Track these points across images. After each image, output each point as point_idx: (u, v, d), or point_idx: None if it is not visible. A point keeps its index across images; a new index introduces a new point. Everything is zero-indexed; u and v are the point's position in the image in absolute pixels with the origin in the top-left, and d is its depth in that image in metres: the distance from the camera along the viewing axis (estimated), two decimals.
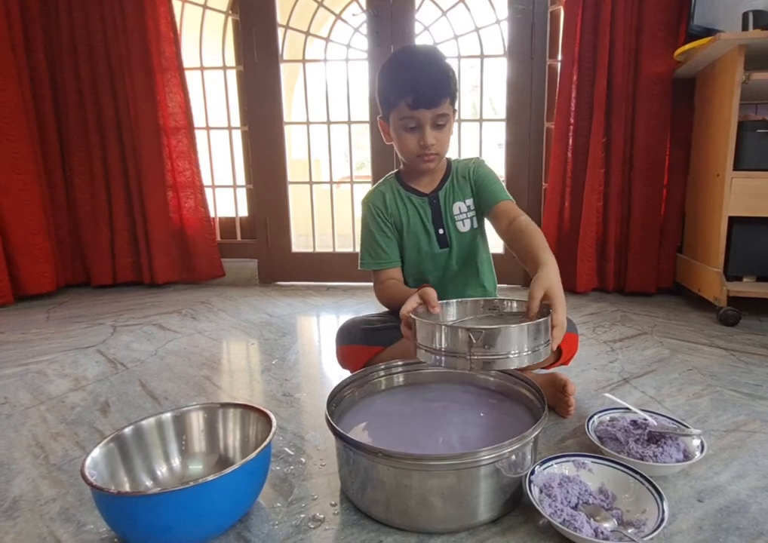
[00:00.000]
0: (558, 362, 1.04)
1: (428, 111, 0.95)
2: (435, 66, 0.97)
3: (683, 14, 1.87)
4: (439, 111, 0.96)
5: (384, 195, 1.11)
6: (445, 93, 0.95)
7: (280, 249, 2.43)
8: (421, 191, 1.10)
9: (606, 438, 0.86)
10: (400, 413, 0.87)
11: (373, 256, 1.11)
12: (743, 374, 1.23)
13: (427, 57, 0.99)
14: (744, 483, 0.78)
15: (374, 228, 1.11)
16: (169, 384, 1.23)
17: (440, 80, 0.96)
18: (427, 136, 0.97)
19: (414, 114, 0.96)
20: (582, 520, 0.63)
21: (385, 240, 1.11)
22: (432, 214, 1.10)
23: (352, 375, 0.91)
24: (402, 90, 0.96)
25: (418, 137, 0.98)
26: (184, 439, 0.80)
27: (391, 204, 1.11)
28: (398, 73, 0.98)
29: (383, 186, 1.14)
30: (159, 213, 2.27)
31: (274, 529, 0.69)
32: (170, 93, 2.21)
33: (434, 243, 1.10)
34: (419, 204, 1.10)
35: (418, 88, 0.94)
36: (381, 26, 2.17)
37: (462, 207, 1.09)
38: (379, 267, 1.11)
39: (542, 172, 2.22)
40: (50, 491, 0.80)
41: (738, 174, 1.65)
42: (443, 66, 0.98)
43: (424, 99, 0.94)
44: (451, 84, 0.97)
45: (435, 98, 0.95)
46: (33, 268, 2.10)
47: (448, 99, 0.97)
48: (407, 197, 1.11)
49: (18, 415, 1.07)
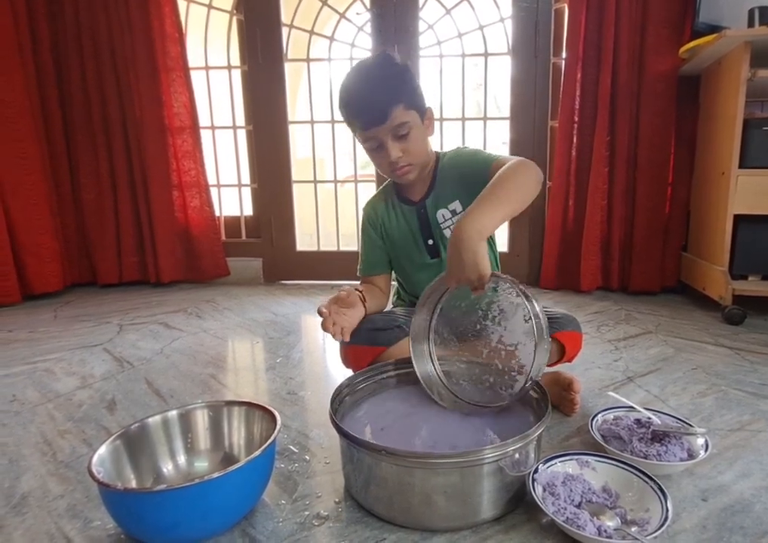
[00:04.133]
0: (562, 360, 1.04)
1: (381, 127, 0.92)
2: (376, 77, 0.93)
3: (688, 11, 1.86)
4: (394, 123, 0.92)
5: (378, 205, 1.13)
6: (392, 103, 0.91)
7: (284, 248, 2.43)
8: (412, 200, 1.09)
9: (610, 437, 0.86)
10: (403, 411, 0.87)
11: (360, 262, 1.16)
12: (748, 373, 1.22)
13: (366, 72, 0.95)
14: (749, 482, 0.78)
15: (364, 236, 1.15)
16: (175, 382, 1.24)
17: (383, 92, 0.91)
18: (390, 151, 0.94)
19: (369, 135, 0.94)
20: (586, 519, 0.63)
21: (371, 249, 1.14)
22: (420, 224, 1.08)
23: (356, 374, 0.92)
24: (349, 116, 0.96)
25: (384, 154, 0.96)
26: (189, 436, 0.81)
27: (382, 214, 1.12)
28: (342, 99, 0.96)
29: (381, 194, 1.15)
30: (164, 212, 2.28)
31: (278, 526, 0.70)
32: (175, 93, 2.22)
33: (425, 254, 1.09)
34: (408, 214, 1.09)
35: (360, 109, 0.93)
36: (385, 25, 2.17)
37: (446, 214, 1.06)
38: (360, 273, 1.16)
39: (546, 170, 2.21)
40: (58, 488, 0.81)
41: (743, 172, 1.64)
42: (386, 74, 0.93)
43: (371, 119, 0.92)
44: (399, 90, 0.93)
45: (381, 113, 0.91)
46: (40, 267, 2.12)
47: (400, 106, 0.92)
48: (398, 207, 1.11)
49: (26, 413, 1.08)
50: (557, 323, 1.00)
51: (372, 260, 1.15)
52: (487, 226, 0.76)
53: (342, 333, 0.92)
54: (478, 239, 0.74)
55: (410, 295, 1.18)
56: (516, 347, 0.84)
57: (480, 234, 0.75)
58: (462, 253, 0.75)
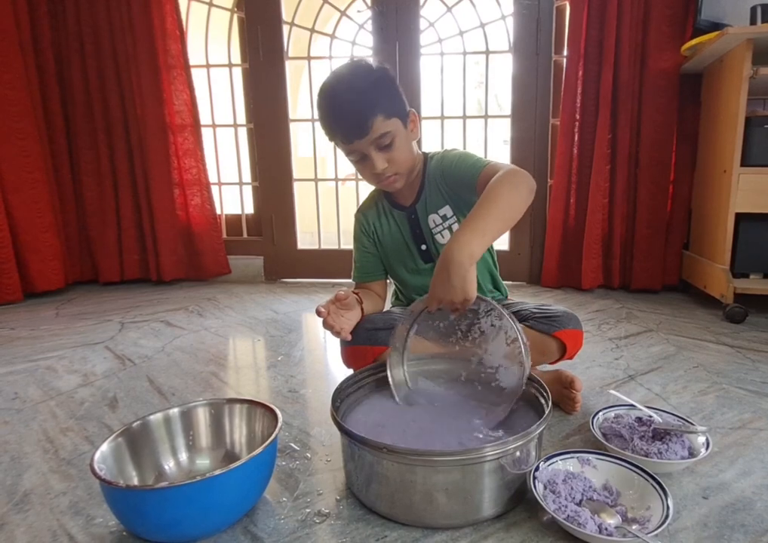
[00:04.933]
0: (563, 358, 1.04)
1: (362, 140, 0.90)
2: (351, 90, 0.90)
3: (690, 9, 1.85)
4: (375, 135, 0.90)
5: (369, 212, 1.12)
6: (370, 115, 0.88)
7: (285, 246, 2.43)
8: (402, 205, 1.08)
9: (611, 435, 0.86)
10: (404, 409, 0.88)
11: (354, 269, 1.15)
12: (749, 371, 1.22)
13: (340, 84, 0.92)
14: (750, 480, 0.78)
15: (357, 243, 1.13)
16: (176, 380, 1.25)
17: (359, 104, 0.89)
18: (375, 162, 0.92)
19: (352, 148, 0.92)
20: (586, 516, 0.63)
21: (365, 257, 1.13)
22: (411, 230, 1.07)
23: (357, 372, 0.92)
24: (328, 131, 0.94)
25: (369, 166, 0.94)
26: (191, 434, 0.81)
27: (374, 221, 1.11)
28: (321, 114, 0.94)
29: (371, 200, 1.14)
30: (166, 210, 2.28)
31: (280, 524, 0.70)
32: (176, 91, 2.22)
33: (418, 260, 1.09)
34: (399, 219, 1.09)
35: (339, 124, 0.91)
36: (386, 23, 2.17)
37: (437, 218, 1.05)
38: (355, 280, 1.15)
39: (548, 168, 2.21)
40: (60, 485, 0.81)
41: (745, 170, 1.64)
42: (361, 85, 0.90)
43: (351, 132, 0.90)
44: (377, 100, 0.90)
45: (361, 126, 0.88)
46: (42, 265, 2.12)
47: (379, 118, 0.89)
48: (390, 213, 1.10)
49: (28, 411, 1.09)
50: (558, 321, 1.00)
51: (366, 267, 1.14)
52: (478, 251, 0.76)
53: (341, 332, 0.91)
54: (469, 264, 0.74)
55: (407, 298, 1.18)
56: (497, 370, 0.84)
57: (471, 259, 0.74)
58: (451, 276, 0.74)
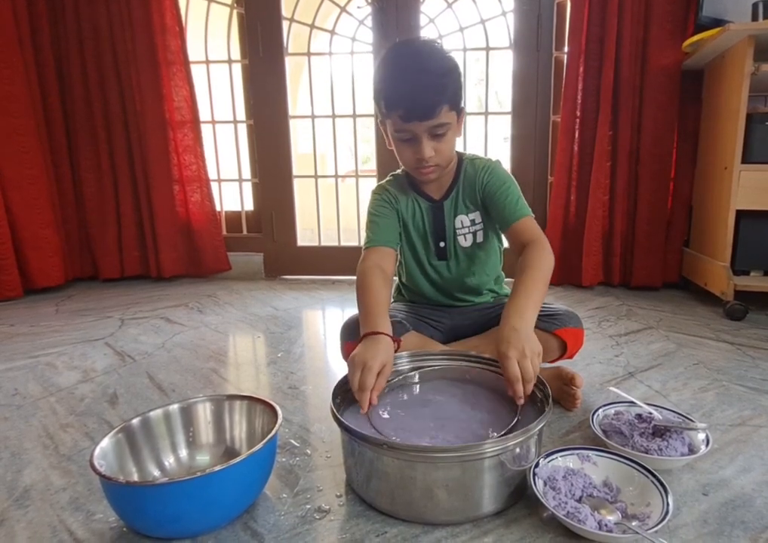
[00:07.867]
0: (563, 357, 1.04)
1: (422, 123, 0.87)
2: (429, 72, 0.86)
3: (691, 5, 1.84)
4: (435, 122, 0.87)
5: (397, 193, 1.06)
6: (441, 102, 0.85)
7: (285, 243, 2.43)
8: (429, 196, 1.05)
9: (611, 432, 0.86)
10: (404, 406, 0.87)
11: (368, 234, 1.04)
12: (749, 368, 1.22)
13: (420, 61, 0.88)
14: (750, 477, 0.78)
15: (375, 212, 1.05)
16: (176, 376, 1.25)
17: (434, 88, 0.85)
18: (424, 149, 0.89)
19: (407, 127, 0.88)
20: (586, 513, 0.63)
21: (383, 220, 1.04)
22: (434, 224, 1.05)
23: None
24: (392, 102, 0.88)
25: (414, 149, 0.91)
26: (191, 430, 0.81)
27: (402, 200, 1.06)
28: (388, 82, 0.89)
29: (394, 183, 1.08)
30: (166, 207, 2.28)
31: (280, 520, 0.70)
32: (175, 87, 2.21)
33: (432, 254, 1.07)
34: (425, 210, 1.05)
35: (408, 101, 0.85)
36: (386, 19, 2.16)
37: (465, 220, 1.03)
38: (369, 244, 1.03)
39: (548, 165, 2.21)
40: (60, 481, 0.81)
41: (746, 167, 1.63)
42: (440, 69, 0.87)
43: (416, 113, 0.86)
44: (449, 89, 0.87)
45: (428, 110, 0.85)
46: (42, 261, 2.12)
47: (445, 107, 0.87)
48: (414, 200, 1.06)
49: (28, 407, 1.09)
50: (559, 319, 1.01)
51: (386, 231, 1.04)
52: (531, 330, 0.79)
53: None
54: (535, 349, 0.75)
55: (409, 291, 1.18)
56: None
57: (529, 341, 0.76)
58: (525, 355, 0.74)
